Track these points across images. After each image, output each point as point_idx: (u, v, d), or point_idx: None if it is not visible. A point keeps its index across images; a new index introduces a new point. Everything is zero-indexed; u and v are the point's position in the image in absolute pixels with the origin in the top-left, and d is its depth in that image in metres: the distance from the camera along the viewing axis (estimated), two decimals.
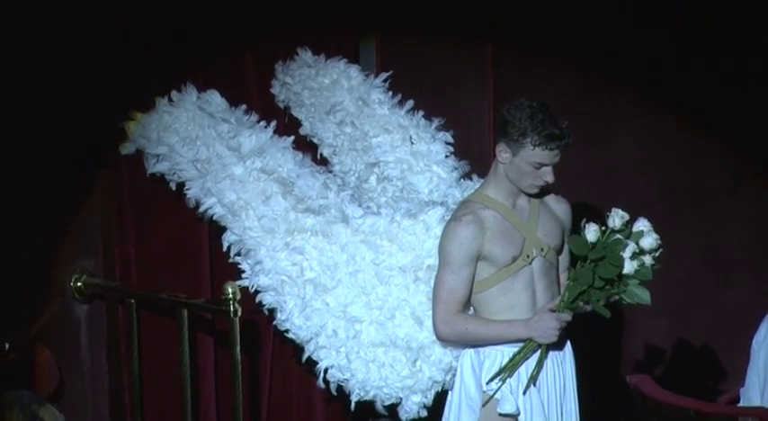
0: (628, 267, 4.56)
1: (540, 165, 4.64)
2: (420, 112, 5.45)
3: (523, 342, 4.67)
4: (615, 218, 4.60)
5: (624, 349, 6.36)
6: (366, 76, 5.57)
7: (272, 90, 5.63)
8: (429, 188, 5.31)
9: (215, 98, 5.32)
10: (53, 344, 5.29)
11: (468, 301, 4.74)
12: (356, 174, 5.45)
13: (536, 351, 4.68)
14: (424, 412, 4.97)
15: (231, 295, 4.96)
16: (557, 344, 4.72)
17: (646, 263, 4.59)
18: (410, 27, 6.03)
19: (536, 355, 4.69)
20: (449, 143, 5.41)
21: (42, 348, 5.25)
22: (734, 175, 6.44)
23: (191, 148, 5.16)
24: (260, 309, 5.09)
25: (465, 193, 5.06)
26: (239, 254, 5.11)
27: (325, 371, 4.98)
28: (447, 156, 5.38)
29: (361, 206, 5.10)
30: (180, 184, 5.22)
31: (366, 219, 4.96)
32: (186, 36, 5.37)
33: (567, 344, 4.82)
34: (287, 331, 5.04)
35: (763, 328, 4.95)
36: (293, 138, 5.30)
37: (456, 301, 4.69)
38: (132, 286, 5.38)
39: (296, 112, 5.60)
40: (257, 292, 5.06)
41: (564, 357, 4.80)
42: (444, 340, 4.78)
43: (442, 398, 4.89)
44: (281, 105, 5.64)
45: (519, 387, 4.69)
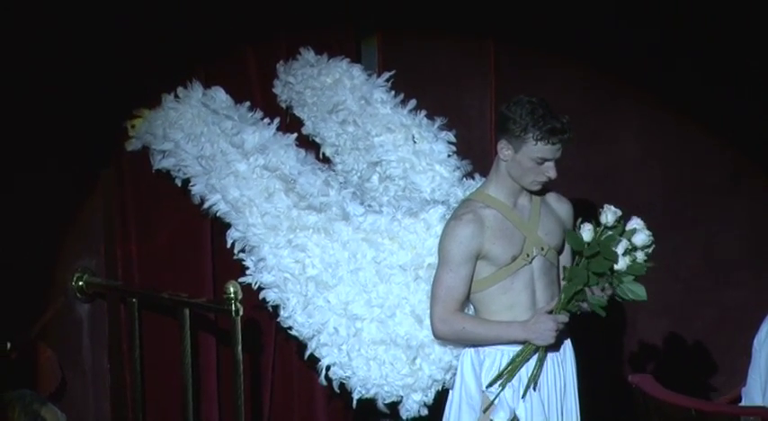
0: (621, 263, 4.57)
1: (543, 161, 4.63)
2: (422, 112, 5.45)
3: (520, 343, 4.66)
4: (608, 213, 4.62)
5: (625, 349, 6.35)
6: (368, 75, 5.57)
7: (274, 90, 5.63)
8: (431, 187, 5.30)
9: (219, 95, 5.33)
10: (55, 343, 5.30)
11: (467, 300, 4.73)
12: (358, 174, 5.45)
13: (535, 353, 4.67)
14: (424, 410, 4.97)
15: (233, 294, 4.97)
16: (556, 345, 4.72)
17: (638, 259, 4.60)
18: (411, 27, 6.02)
19: (536, 357, 4.68)
20: (451, 142, 5.40)
21: (44, 347, 5.26)
22: (734, 175, 6.43)
23: (195, 145, 5.17)
24: (263, 305, 5.09)
25: (467, 192, 5.06)
26: (243, 250, 5.10)
27: (327, 368, 4.98)
28: (449, 156, 5.37)
29: (362, 204, 5.11)
30: (185, 181, 5.22)
31: (367, 217, 4.96)
32: (188, 37, 5.38)
33: (568, 343, 4.81)
34: (290, 328, 5.04)
35: (764, 328, 4.95)
36: (296, 135, 5.31)
37: (454, 300, 4.68)
38: (134, 285, 5.38)
39: (298, 112, 5.60)
40: (260, 289, 5.07)
41: (564, 357, 4.79)
42: (441, 338, 4.77)
43: (443, 396, 4.89)
44: (282, 105, 5.63)
45: (520, 387, 4.68)
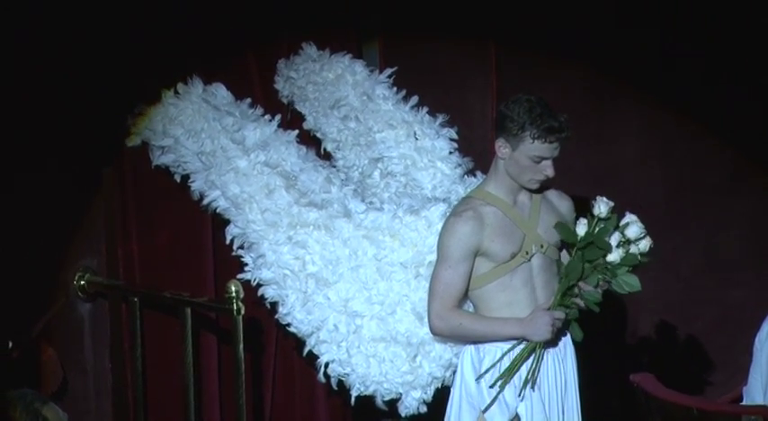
0: (614, 255, 4.58)
1: (540, 159, 4.64)
2: (424, 108, 5.46)
3: (517, 340, 4.66)
4: (600, 204, 4.64)
5: (627, 347, 6.35)
6: (371, 71, 5.58)
7: (275, 85, 5.64)
8: (432, 184, 5.31)
9: (220, 91, 5.34)
10: (56, 342, 5.31)
11: (465, 297, 4.73)
12: (360, 170, 5.45)
13: (533, 352, 4.67)
14: (423, 408, 4.97)
15: (234, 293, 4.97)
16: (555, 342, 4.72)
17: (632, 251, 4.62)
18: (412, 28, 6.03)
19: (534, 354, 4.68)
20: (453, 139, 5.41)
21: (46, 347, 5.26)
22: (735, 174, 6.43)
23: (195, 141, 5.17)
24: (262, 302, 5.09)
25: (468, 190, 5.06)
26: (242, 247, 5.11)
27: (326, 365, 4.98)
28: (451, 153, 5.38)
29: (363, 201, 5.11)
30: (184, 177, 5.23)
31: (368, 214, 4.96)
32: (189, 37, 5.39)
33: (569, 341, 4.80)
34: (289, 325, 5.04)
35: (765, 327, 4.95)
36: (297, 132, 5.31)
37: (452, 297, 4.68)
38: (135, 285, 5.39)
39: (300, 107, 5.61)
40: (259, 286, 5.07)
41: (565, 355, 4.79)
42: (438, 335, 4.76)
43: (442, 394, 4.89)
44: (284, 101, 5.65)
45: (520, 384, 4.67)
